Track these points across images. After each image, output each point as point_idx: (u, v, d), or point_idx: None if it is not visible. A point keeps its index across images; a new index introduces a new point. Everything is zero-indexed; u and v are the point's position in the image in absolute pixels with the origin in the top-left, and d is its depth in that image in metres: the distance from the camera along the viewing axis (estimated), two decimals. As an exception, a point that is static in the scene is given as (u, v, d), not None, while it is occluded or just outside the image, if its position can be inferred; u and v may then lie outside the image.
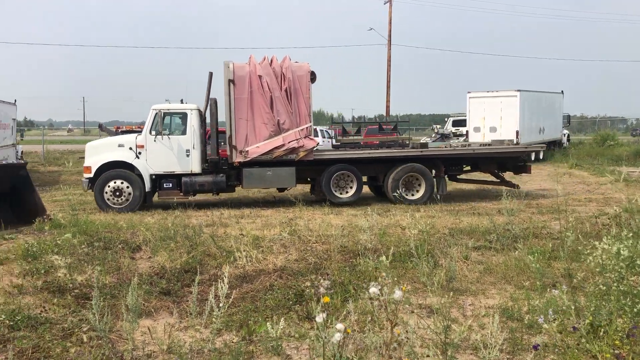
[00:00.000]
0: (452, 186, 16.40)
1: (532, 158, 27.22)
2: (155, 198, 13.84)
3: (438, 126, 32.54)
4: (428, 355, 4.30)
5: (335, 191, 13.68)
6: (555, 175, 20.84)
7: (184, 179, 13.16)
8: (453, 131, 29.96)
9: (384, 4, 39.44)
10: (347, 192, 13.74)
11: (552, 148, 30.56)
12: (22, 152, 23.98)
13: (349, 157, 13.92)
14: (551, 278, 6.56)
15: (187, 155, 13.24)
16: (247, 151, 13.10)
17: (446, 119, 34.26)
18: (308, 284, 3.61)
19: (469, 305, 5.93)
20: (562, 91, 31.74)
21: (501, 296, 6.16)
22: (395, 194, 13.40)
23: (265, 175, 13.27)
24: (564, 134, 33.86)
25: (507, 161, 14.98)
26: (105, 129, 24.12)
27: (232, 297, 5.63)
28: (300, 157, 13.28)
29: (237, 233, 9.66)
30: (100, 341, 4.73)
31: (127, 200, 12.94)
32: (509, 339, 4.80)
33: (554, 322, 4.63)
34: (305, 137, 13.36)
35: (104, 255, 7.90)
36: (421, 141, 17.27)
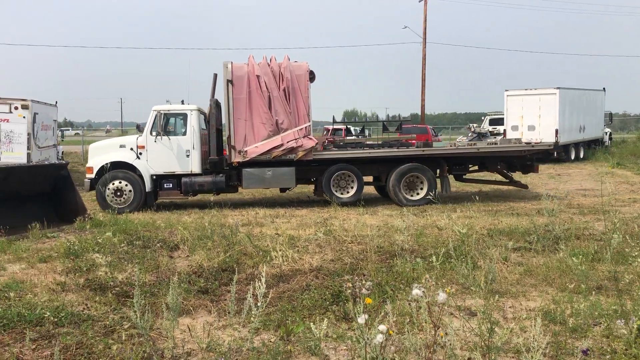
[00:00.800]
0: (489, 186, 16.07)
1: (572, 157, 26.67)
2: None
3: (475, 125, 32.06)
4: (470, 358, 4.22)
5: (336, 191, 13.56)
6: (596, 174, 20.31)
7: (183, 179, 13.22)
8: (490, 130, 29.48)
9: (419, 1, 39.12)
10: (347, 192, 13.61)
11: (594, 147, 29.80)
12: (62, 152, 24.58)
13: (349, 157, 13.76)
14: (595, 281, 6.37)
15: (187, 156, 13.31)
16: (246, 151, 13.11)
17: (483, 118, 33.77)
18: (349, 284, 3.57)
19: (509, 307, 5.80)
20: (603, 88, 30.90)
21: (543, 299, 6.00)
22: (396, 194, 13.29)
23: (264, 176, 13.22)
24: (606, 132, 32.97)
25: (513, 160, 14.55)
26: (142, 129, 24.52)
27: (269, 296, 5.65)
28: (299, 157, 13.20)
29: (272, 233, 9.71)
30: (141, 339, 4.79)
31: (127, 200, 13.06)
32: (552, 343, 4.67)
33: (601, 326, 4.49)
34: (304, 137, 13.29)
35: (143, 254, 8.04)
36: (458, 140, 17.02)
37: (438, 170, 13.95)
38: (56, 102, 21.63)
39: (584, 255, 7.27)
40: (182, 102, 13.96)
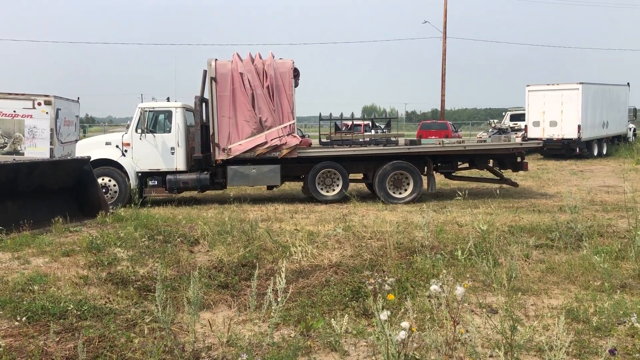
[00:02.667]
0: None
1: (595, 153, 26.29)
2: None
3: (495, 121, 31.77)
4: (491, 356, 4.18)
5: (322, 189, 13.52)
6: (620, 171, 19.98)
7: (168, 176, 13.24)
8: (511, 126, 29.21)
9: (439, -4, 38.79)
10: (333, 190, 13.55)
11: (617, 143, 29.34)
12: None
13: (334, 154, 13.65)
14: (619, 279, 6.27)
15: (172, 153, 13.35)
16: (230, 149, 13.08)
17: (504, 113, 33.44)
18: (371, 280, 3.57)
19: (531, 305, 5.74)
20: (627, 83, 30.41)
21: (565, 297, 5.93)
22: (382, 191, 13.22)
23: (249, 173, 13.20)
24: (630, 128, 32.42)
25: (502, 158, 14.35)
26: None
27: (289, 292, 5.66)
28: (283, 155, 13.17)
29: (291, 228, 9.73)
30: (162, 332, 4.84)
31: (112, 197, 13.08)
32: (575, 341, 4.61)
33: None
34: (288, 135, 13.23)
35: (164, 249, 8.12)
36: (479, 135, 16.79)
37: (425, 168, 13.82)
38: (78, 98, 21.91)
39: (608, 252, 7.17)
40: (168, 99, 13.99)
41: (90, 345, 4.69)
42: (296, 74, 13.56)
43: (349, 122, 19.48)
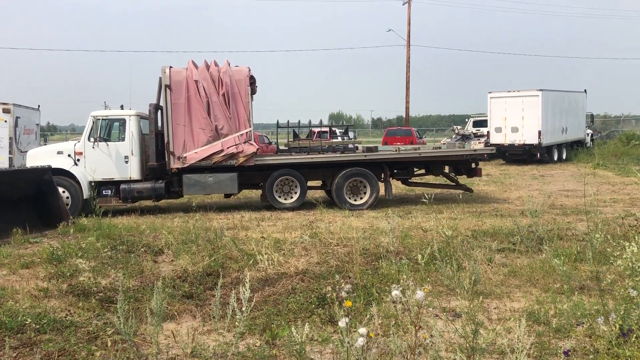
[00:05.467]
0: (475, 188, 16.15)
1: (555, 158, 26.98)
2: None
3: (458, 127, 32.27)
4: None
5: (280, 197, 13.53)
6: (579, 175, 20.54)
7: (122, 185, 13.01)
8: (474, 132, 29.75)
9: (403, 4, 39.37)
10: (291, 198, 13.57)
11: (576, 148, 30.16)
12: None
13: (291, 162, 13.64)
14: (578, 281, 6.44)
15: (126, 162, 13.13)
16: (185, 157, 12.94)
17: (466, 120, 34.03)
18: (330, 288, 3.58)
19: (494, 308, 5.84)
20: (585, 90, 31.30)
21: (527, 299, 6.06)
22: (339, 198, 13.34)
23: (206, 182, 13.07)
24: (587, 134, 33.38)
25: (457, 164, 14.65)
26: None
27: (254, 300, 5.62)
28: (240, 163, 13.09)
29: (258, 236, 9.68)
30: (124, 345, 4.75)
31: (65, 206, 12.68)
32: (536, 343, 4.71)
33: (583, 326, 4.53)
34: (245, 143, 13.16)
35: (127, 259, 7.98)
36: (443, 141, 17.01)
37: (382, 175, 13.95)
38: (39, 106, 21.40)
39: (567, 255, 7.35)
40: (122, 107, 13.77)
41: (50, 360, 4.57)
42: (252, 81, 13.45)
43: (316, 130, 19.53)
